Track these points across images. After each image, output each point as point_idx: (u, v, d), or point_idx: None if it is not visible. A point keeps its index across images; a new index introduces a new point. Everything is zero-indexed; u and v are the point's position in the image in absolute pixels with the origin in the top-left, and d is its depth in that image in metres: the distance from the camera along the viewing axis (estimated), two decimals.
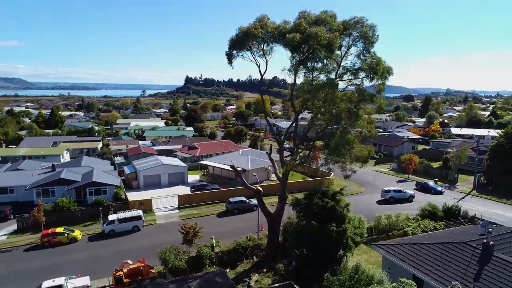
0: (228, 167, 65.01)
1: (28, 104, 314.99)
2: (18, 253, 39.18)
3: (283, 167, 32.93)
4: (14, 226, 45.29)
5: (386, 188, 56.53)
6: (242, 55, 28.90)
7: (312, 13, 28.50)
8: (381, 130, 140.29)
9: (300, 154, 33.60)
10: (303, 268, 28.70)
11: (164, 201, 53.42)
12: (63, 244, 40.71)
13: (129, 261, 31.77)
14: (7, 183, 54.11)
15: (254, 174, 53.94)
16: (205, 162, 68.80)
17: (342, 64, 29.41)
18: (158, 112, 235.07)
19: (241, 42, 27.60)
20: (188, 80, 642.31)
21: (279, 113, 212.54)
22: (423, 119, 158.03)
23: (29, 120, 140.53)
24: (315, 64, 28.19)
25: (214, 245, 35.62)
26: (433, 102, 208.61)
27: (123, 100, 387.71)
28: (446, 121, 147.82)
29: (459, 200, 53.95)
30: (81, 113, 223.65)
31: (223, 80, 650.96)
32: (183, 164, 67.15)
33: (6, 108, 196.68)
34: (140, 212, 45.47)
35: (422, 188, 61.03)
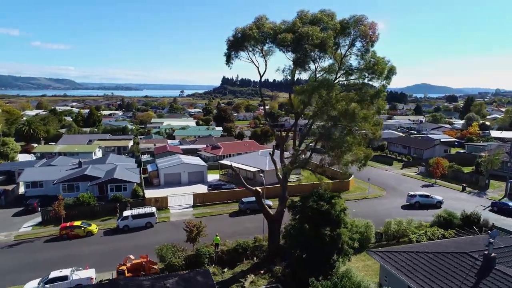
0: (247, 167, 65.52)
1: (74, 103, 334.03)
2: (39, 244, 41.75)
3: (282, 168, 32.62)
4: (39, 218, 48.29)
5: (412, 193, 54.03)
6: (238, 56, 28.94)
7: (311, 12, 28.00)
8: (415, 132, 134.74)
9: (302, 156, 33.08)
10: (297, 271, 28.28)
11: (180, 199, 54.70)
12: (80, 237, 42.84)
13: (131, 256, 32.87)
14: (37, 178, 57.85)
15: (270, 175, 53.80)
16: (224, 161, 69.52)
17: (343, 63, 28.63)
18: (192, 112, 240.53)
19: (237, 43, 27.69)
20: (224, 80, 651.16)
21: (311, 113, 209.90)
22: (463, 121, 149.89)
23: (71, 119, 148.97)
24: (310, 65, 27.67)
25: (219, 243, 35.96)
26: (475, 103, 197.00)
27: (162, 100, 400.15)
28: (488, 123, 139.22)
29: (486, 208, 50.73)
30: (120, 113, 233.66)
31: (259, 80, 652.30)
32: (203, 163, 68.32)
33: (58, 107, 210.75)
34: (153, 209, 46.83)
35: (501, 209, 48.93)
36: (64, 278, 30.78)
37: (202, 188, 61.09)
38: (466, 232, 36.06)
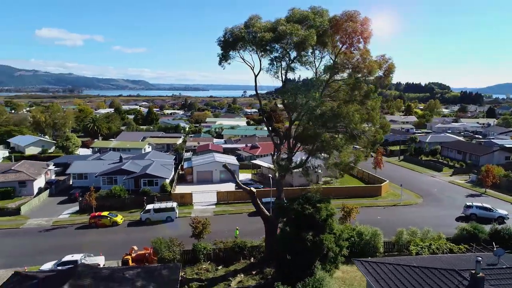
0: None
1: (143, 103, 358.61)
2: (71, 230, 46.02)
3: (278, 170, 32.17)
4: (77, 207, 53.13)
5: (469, 203, 48.81)
6: (231, 57, 29.01)
7: (302, 10, 27.17)
8: (479, 136, 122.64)
9: (302, 158, 32.35)
10: (281, 274, 27.78)
11: (205, 196, 56.32)
12: (106, 226, 46.36)
13: (135, 247, 34.81)
14: (82, 170, 63.61)
15: (300, 176, 53.04)
16: (256, 161, 69.97)
17: (336, 61, 27.37)
18: (249, 112, 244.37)
19: (228, 44, 27.84)
20: (286, 80, 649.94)
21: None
22: None
23: (131, 117, 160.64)
24: (295, 63, 26.86)
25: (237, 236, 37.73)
26: None
27: (223, 100, 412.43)
28: None
29: None
30: (181, 112, 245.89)
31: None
32: (235, 162, 69.48)
33: (125, 107, 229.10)
34: (174, 204, 48.92)
35: None
36: (75, 262, 33.55)
37: (231, 187, 62.19)
38: (481, 248, 32.07)
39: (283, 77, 28.79)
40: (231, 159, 71.60)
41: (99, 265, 34.03)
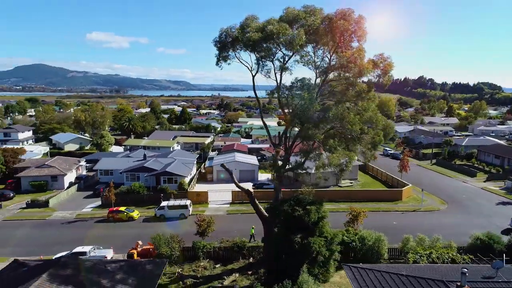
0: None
1: (183, 103, 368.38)
2: (90, 223, 48.48)
3: (275, 171, 31.93)
4: (100, 202, 55.85)
5: None
6: (229, 56, 29.09)
7: (297, 9, 26.79)
8: None
9: (297, 159, 31.94)
10: (273, 276, 27.62)
11: (221, 194, 56.99)
12: (122, 220, 48.39)
13: (140, 242, 36.11)
14: (108, 167, 66.79)
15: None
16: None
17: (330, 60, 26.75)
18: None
19: (223, 44, 28.02)
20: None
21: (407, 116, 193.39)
22: None
23: (166, 116, 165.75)
24: (293, 63, 26.57)
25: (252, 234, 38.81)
26: None
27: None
28: None
29: None
30: (216, 112, 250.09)
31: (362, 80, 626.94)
32: (255, 162, 69.76)
33: (164, 106, 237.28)
34: (188, 202, 50.05)
35: None
36: (83, 253, 35.47)
37: (249, 186, 62.36)
38: (489, 259, 29.63)
39: (279, 77, 28.58)
40: (252, 159, 71.94)
41: (106, 257, 35.62)
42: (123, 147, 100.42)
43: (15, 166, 68.12)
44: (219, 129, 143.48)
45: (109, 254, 36.58)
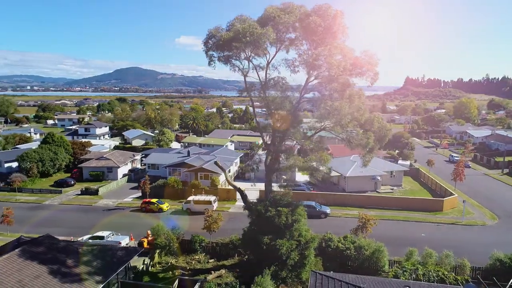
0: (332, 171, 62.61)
1: (257, 103, 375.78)
2: (126, 211, 53.05)
3: (268, 171, 31.69)
4: (140, 193, 60.59)
5: None
6: (217, 57, 29.52)
7: (277, 6, 26.21)
8: None
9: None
10: (246, 274, 27.63)
11: (250, 193, 57.43)
12: (153, 211, 51.99)
13: (149, 232, 38.57)
14: (155, 161, 71.91)
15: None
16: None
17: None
18: None
19: (209, 45, 28.59)
20: (408, 81, 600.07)
21: (493, 119, 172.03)
22: None
23: (230, 116, 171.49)
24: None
25: None
26: None
27: None
28: None
29: None
30: None
31: (451, 80, 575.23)
32: None
33: (235, 106, 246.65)
34: (212, 198, 51.78)
35: None
36: (102, 237, 39.12)
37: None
38: (503, 285, 25.25)
39: (264, 75, 28.23)
40: None
41: (120, 243, 38.71)
42: (181, 144, 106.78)
43: (81, 157, 77.12)
44: None
45: (125, 240, 39.71)
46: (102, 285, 21.09)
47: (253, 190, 58.38)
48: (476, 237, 42.27)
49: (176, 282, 26.62)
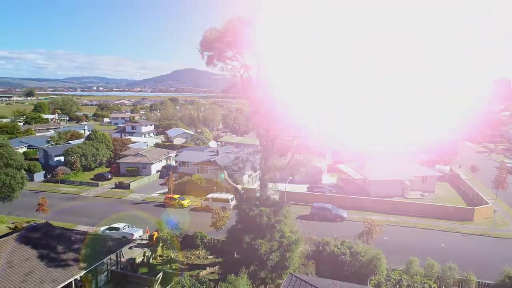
0: (355, 174, 60.51)
1: None
2: (149, 206, 55.76)
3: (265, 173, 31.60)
4: (167, 189, 63.16)
5: None
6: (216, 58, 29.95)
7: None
8: None
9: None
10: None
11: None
12: (174, 207, 54.00)
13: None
14: (184, 159, 74.47)
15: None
16: (340, 165, 66.20)
17: None
18: None
19: (204, 46, 29.10)
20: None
21: None
22: None
23: None
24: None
25: None
26: None
27: None
28: None
29: None
30: None
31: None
32: (319, 165, 67.60)
33: None
34: (230, 196, 52.53)
35: None
36: (117, 229, 41.56)
37: (304, 188, 61.35)
38: None
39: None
40: (318, 162, 69.89)
41: (133, 235, 40.91)
42: (219, 142, 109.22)
43: (121, 153, 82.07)
44: None
45: (138, 233, 41.85)
46: (84, 271, 22.63)
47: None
48: (505, 251, 38.55)
49: (161, 274, 27.63)
